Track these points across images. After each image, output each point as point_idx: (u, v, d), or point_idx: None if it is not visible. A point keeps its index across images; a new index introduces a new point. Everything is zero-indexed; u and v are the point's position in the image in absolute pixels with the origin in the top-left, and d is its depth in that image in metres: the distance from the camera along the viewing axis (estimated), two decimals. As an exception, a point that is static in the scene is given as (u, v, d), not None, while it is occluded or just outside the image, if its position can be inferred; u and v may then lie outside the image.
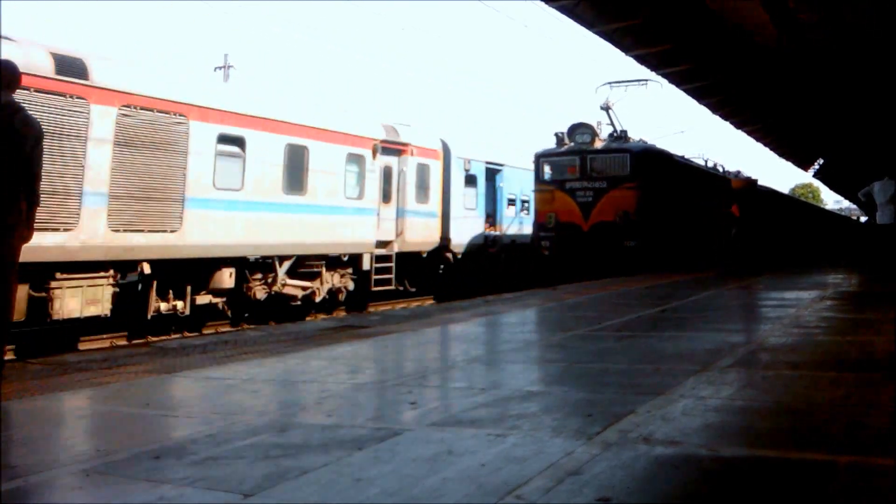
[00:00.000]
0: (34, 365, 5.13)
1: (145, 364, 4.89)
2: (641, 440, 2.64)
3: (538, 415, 3.12)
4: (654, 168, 16.52)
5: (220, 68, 28.42)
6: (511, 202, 20.83)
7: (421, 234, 16.85)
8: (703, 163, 21.39)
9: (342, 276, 14.72)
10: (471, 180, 18.80)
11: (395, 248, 15.96)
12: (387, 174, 15.94)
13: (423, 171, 16.98)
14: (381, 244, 15.55)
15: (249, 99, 12.86)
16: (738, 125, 21.41)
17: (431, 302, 16.62)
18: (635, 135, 17.64)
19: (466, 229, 18.61)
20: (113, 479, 2.41)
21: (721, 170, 22.65)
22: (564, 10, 11.73)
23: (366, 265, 15.04)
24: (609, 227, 15.89)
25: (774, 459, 2.42)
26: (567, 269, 15.77)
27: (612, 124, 17.74)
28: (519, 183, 20.72)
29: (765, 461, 2.41)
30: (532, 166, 17.68)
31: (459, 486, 2.22)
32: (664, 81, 16.20)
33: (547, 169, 17.06)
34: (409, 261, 16.56)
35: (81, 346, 10.46)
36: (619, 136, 17.21)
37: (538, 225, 17.07)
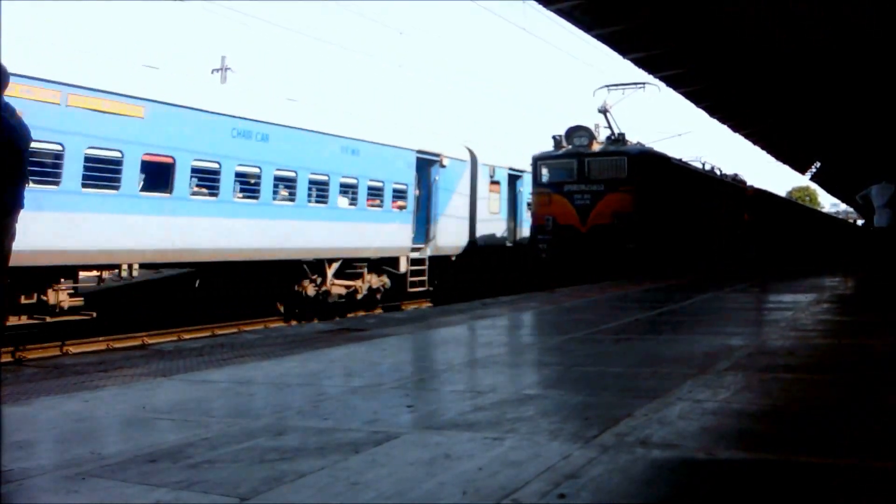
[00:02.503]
0: (30, 367, 5.12)
1: (141, 367, 4.88)
2: (638, 443, 2.64)
3: (535, 418, 3.12)
4: (651, 171, 16.54)
5: (218, 70, 28.36)
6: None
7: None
8: (700, 166, 21.44)
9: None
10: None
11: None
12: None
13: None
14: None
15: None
16: (735, 128, 21.43)
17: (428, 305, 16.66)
18: (633, 138, 17.67)
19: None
20: (108, 482, 2.39)
21: (718, 172, 22.70)
22: (562, 13, 11.74)
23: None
24: (607, 230, 15.90)
25: (772, 462, 2.41)
26: (564, 271, 15.77)
27: (610, 127, 17.75)
28: None
29: (763, 464, 2.40)
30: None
31: (456, 490, 2.21)
32: (662, 85, 16.23)
33: (544, 172, 17.08)
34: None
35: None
36: (617, 139, 17.22)
37: (536, 227, 17.08)
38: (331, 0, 57.78)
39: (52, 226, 9.59)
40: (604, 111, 17.71)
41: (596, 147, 16.90)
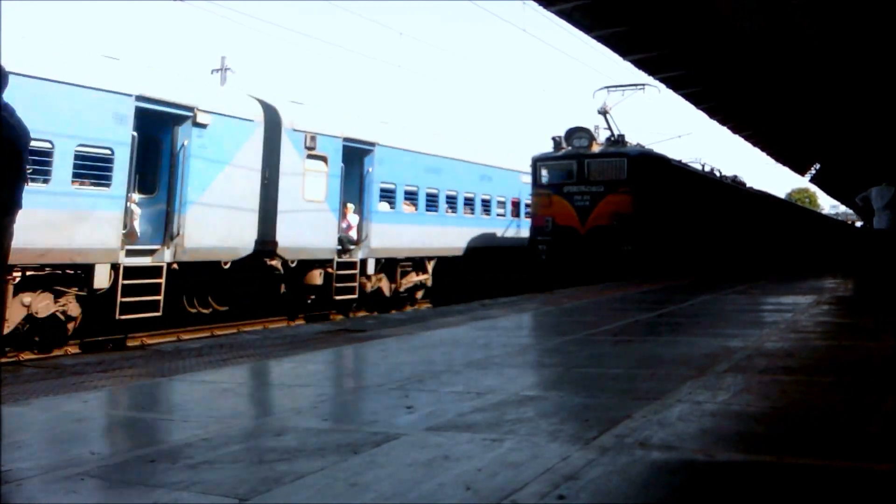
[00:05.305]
0: (29, 368, 5.12)
1: (140, 367, 4.87)
2: (638, 445, 2.63)
3: (534, 419, 3.12)
4: (651, 172, 16.56)
5: (217, 70, 28.32)
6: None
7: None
8: (699, 167, 21.48)
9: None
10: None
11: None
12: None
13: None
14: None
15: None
16: (734, 130, 21.47)
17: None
18: (633, 139, 17.71)
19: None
20: (107, 483, 2.40)
21: (718, 174, 22.73)
22: (562, 14, 11.77)
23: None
24: (606, 232, 15.92)
25: (771, 464, 2.41)
26: (564, 273, 15.79)
27: (610, 128, 17.79)
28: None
29: (761, 466, 2.40)
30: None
31: (455, 491, 2.21)
32: (662, 86, 16.27)
33: (544, 173, 17.13)
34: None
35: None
36: (616, 141, 17.26)
37: (535, 228, 17.13)
38: (331, 0, 57.83)
39: None
40: (603, 112, 17.75)
41: (595, 148, 16.94)
